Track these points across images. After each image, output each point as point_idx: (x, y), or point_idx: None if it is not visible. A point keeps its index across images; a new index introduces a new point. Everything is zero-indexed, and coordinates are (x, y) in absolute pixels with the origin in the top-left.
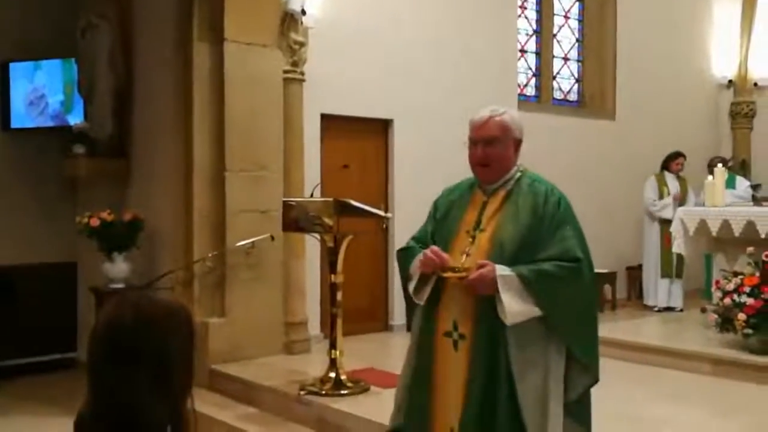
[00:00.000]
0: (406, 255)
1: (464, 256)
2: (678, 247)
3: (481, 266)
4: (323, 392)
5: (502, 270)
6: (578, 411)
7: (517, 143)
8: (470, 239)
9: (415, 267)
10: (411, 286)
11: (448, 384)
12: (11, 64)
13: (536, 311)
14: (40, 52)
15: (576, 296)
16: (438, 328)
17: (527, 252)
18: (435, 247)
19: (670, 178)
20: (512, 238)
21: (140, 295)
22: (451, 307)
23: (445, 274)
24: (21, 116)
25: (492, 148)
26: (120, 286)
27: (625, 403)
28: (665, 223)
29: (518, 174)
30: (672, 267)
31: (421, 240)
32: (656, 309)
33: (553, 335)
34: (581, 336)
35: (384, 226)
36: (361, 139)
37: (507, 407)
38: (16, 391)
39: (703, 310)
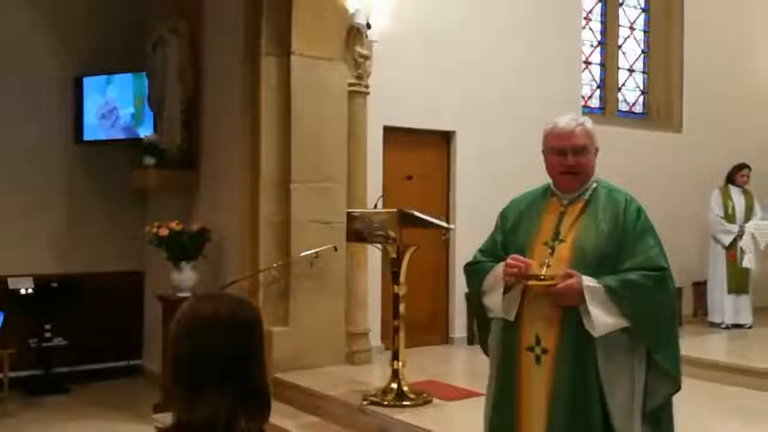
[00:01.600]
0: (476, 270)
1: (544, 268)
2: (749, 261)
3: (568, 276)
4: (385, 403)
5: (588, 281)
6: (662, 421)
7: (596, 152)
8: (549, 250)
9: (495, 278)
10: (491, 300)
11: (531, 401)
12: (84, 79)
13: (623, 322)
14: (112, 66)
15: (661, 304)
16: (520, 342)
17: (609, 262)
18: (515, 255)
19: (735, 191)
20: (594, 248)
21: (218, 294)
22: (532, 320)
23: (530, 282)
24: (93, 129)
25: (581, 157)
26: (187, 294)
27: (694, 421)
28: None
29: (594, 183)
30: (737, 282)
31: (490, 252)
32: (723, 326)
33: (638, 345)
34: (665, 343)
35: (445, 238)
36: (423, 151)
37: (598, 425)
38: (86, 396)
39: None
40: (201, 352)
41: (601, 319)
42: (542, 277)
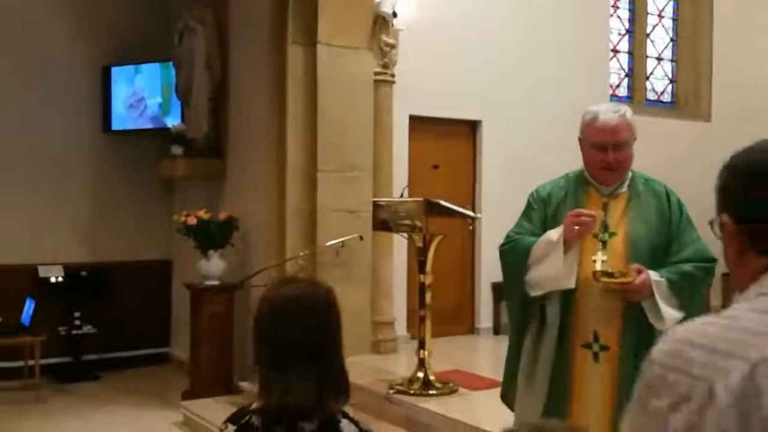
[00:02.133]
0: (516, 245)
1: (599, 263)
2: None
3: (639, 271)
4: (412, 392)
5: (653, 275)
6: None
7: (634, 141)
8: (600, 244)
9: (549, 243)
10: (544, 268)
11: (589, 400)
12: (113, 68)
13: (680, 313)
14: (140, 56)
15: (704, 300)
16: (574, 338)
17: (660, 254)
18: (578, 210)
19: None
20: (646, 241)
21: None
22: (590, 315)
23: (603, 279)
24: (121, 118)
25: (622, 152)
26: (215, 283)
27: None
28: None
29: (630, 173)
30: None
31: (528, 231)
32: None
33: None
34: None
35: (470, 227)
36: (449, 141)
37: None
38: (115, 383)
39: None
40: (282, 334)
41: (669, 312)
42: (615, 274)
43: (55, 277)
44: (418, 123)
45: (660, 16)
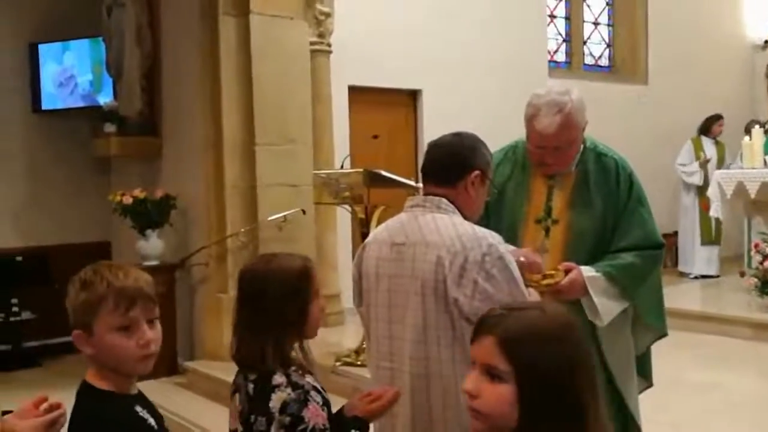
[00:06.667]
0: None
1: (545, 254)
2: (715, 211)
3: (568, 270)
4: (358, 363)
5: (588, 271)
6: (642, 365)
7: (584, 128)
8: (543, 231)
9: None
10: None
11: None
12: (40, 46)
13: (623, 303)
14: (68, 32)
15: (653, 277)
16: None
17: (605, 241)
18: (530, 253)
19: (707, 142)
20: (590, 228)
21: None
22: None
23: (534, 279)
24: (52, 97)
25: (563, 154)
26: (155, 263)
27: (671, 370)
28: (701, 189)
29: (581, 146)
30: (709, 233)
31: None
32: (692, 276)
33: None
34: (655, 308)
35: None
36: (390, 111)
37: (612, 404)
38: (58, 369)
39: (742, 275)
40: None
41: (606, 307)
42: (546, 274)
43: None
44: (357, 93)
45: None
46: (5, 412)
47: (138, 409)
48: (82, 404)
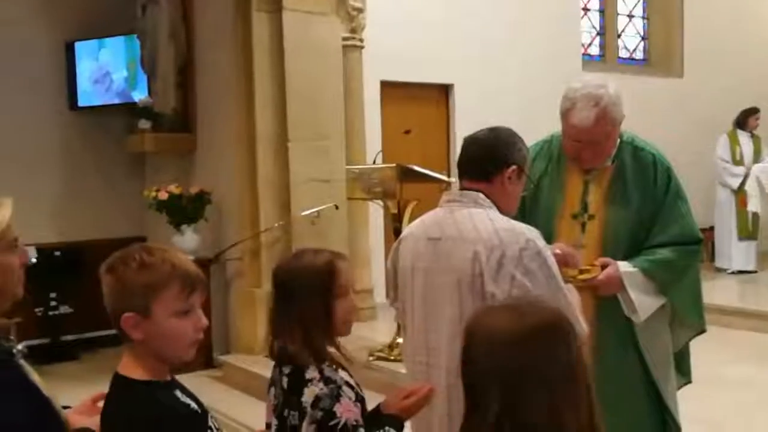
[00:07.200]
0: None
1: (581, 250)
2: (754, 205)
3: (605, 265)
4: (392, 358)
5: (625, 266)
6: (680, 361)
7: (621, 122)
8: (579, 226)
9: None
10: None
11: None
12: (76, 44)
13: (662, 299)
14: (104, 30)
15: (692, 273)
16: None
17: (642, 236)
18: (565, 246)
19: (743, 136)
20: (627, 224)
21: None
22: None
23: (570, 274)
24: (87, 94)
25: (599, 147)
26: (190, 258)
27: (709, 366)
28: (739, 183)
29: (618, 140)
30: (746, 229)
31: None
32: (729, 271)
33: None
34: (694, 305)
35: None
36: (422, 105)
37: (649, 400)
38: (94, 363)
39: None
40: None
41: (643, 302)
42: (582, 269)
43: (29, 258)
44: (389, 88)
45: None
46: (64, 408)
47: (178, 394)
48: (127, 398)
